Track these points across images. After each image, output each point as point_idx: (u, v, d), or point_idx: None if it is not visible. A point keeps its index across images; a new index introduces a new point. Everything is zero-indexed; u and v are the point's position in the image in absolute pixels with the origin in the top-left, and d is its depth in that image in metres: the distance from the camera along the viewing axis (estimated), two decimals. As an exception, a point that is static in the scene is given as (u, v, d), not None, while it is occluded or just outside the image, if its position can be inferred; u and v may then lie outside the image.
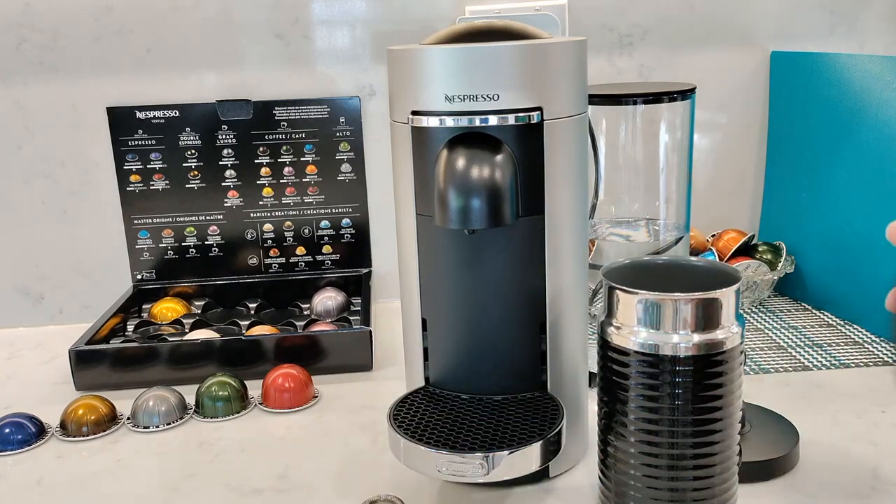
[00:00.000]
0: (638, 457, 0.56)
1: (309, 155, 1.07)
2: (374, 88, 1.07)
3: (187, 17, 1.03)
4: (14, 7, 1.01)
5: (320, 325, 0.98)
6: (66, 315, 1.10)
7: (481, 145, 0.59)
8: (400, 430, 0.61)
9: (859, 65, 0.95)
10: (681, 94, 0.84)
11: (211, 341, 0.89)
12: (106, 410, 0.80)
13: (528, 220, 0.62)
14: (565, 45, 0.61)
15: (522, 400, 0.65)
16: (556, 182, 0.62)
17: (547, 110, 0.60)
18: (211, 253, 1.09)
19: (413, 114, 0.61)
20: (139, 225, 1.08)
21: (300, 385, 0.83)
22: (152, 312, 1.04)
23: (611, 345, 0.56)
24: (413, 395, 0.67)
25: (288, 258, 1.11)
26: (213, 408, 0.81)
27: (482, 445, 0.59)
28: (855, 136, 0.94)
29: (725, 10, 1.08)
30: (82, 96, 1.04)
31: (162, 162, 1.06)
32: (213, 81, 1.05)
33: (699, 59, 1.09)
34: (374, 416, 0.79)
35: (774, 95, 1.10)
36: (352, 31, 1.05)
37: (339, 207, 1.09)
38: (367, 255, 1.12)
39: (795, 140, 1.06)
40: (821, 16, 1.09)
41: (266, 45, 1.05)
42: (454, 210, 0.58)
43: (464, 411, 0.64)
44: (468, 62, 0.59)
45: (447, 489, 0.66)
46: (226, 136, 1.06)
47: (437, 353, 0.67)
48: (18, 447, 0.76)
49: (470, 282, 0.64)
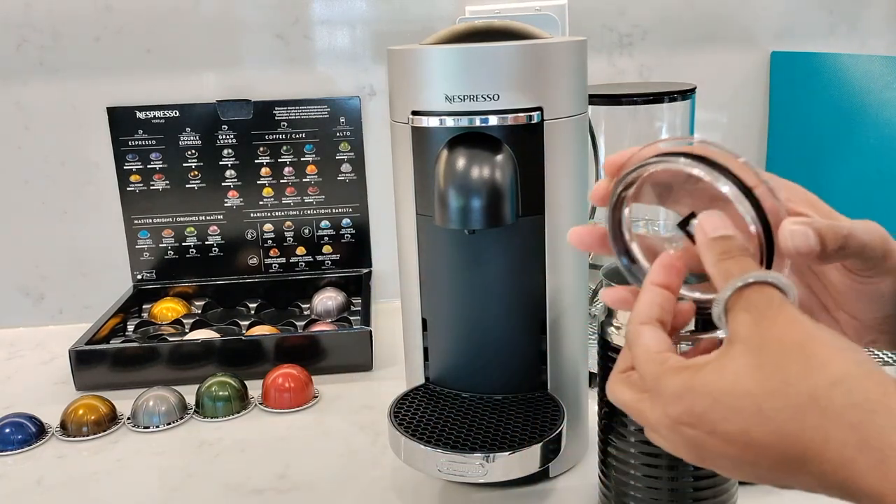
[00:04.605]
0: (638, 457, 0.56)
1: (309, 155, 1.07)
2: (374, 88, 1.07)
3: (187, 17, 1.03)
4: (14, 7, 1.01)
5: (320, 325, 0.98)
6: (66, 315, 1.10)
7: (481, 145, 0.59)
8: (401, 429, 0.61)
9: (859, 65, 0.95)
10: (681, 94, 0.84)
11: (211, 341, 0.88)
12: (106, 410, 0.80)
13: (528, 220, 0.62)
14: (565, 45, 0.61)
15: (523, 400, 0.65)
16: (556, 182, 0.62)
17: (547, 110, 0.60)
18: (211, 253, 1.09)
19: (413, 114, 0.61)
20: (139, 225, 1.08)
21: (300, 385, 0.83)
22: (152, 312, 1.04)
23: (611, 345, 0.56)
24: (413, 392, 0.67)
25: (288, 258, 1.11)
26: (213, 408, 0.81)
27: (482, 445, 0.59)
28: (855, 136, 0.94)
29: (725, 10, 1.08)
30: (82, 96, 1.04)
31: (162, 162, 1.06)
32: (213, 81, 1.05)
33: (699, 59, 1.09)
34: (374, 416, 0.79)
35: (774, 95, 1.10)
36: (352, 31, 1.05)
37: (339, 207, 1.09)
38: (367, 255, 1.11)
39: (795, 140, 1.05)
40: (821, 16, 1.09)
41: (266, 45, 1.05)
42: (454, 210, 0.58)
43: (464, 410, 0.64)
44: (468, 62, 0.59)
45: (447, 489, 0.66)
46: (226, 136, 1.06)
47: (437, 353, 0.67)
48: (18, 447, 0.76)
49: (470, 282, 0.64)
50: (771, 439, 0.33)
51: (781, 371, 0.33)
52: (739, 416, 0.34)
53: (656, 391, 0.37)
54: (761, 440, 0.33)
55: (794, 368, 0.33)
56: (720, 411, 0.34)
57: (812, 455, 0.32)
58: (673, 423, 0.36)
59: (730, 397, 0.34)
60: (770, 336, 0.34)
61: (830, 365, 0.33)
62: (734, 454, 0.34)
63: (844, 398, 0.32)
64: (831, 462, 0.32)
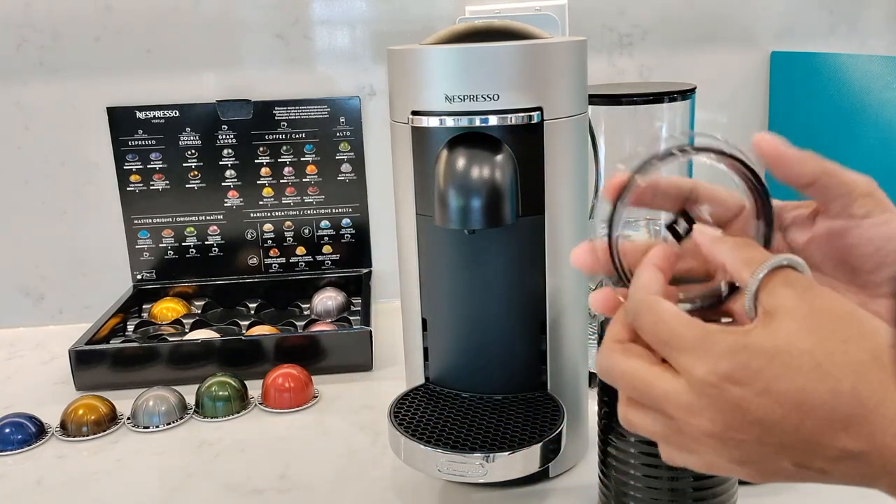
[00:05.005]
0: (638, 457, 0.56)
1: (309, 155, 1.07)
2: (374, 88, 1.07)
3: (187, 17, 1.03)
4: (14, 7, 1.01)
5: (320, 325, 0.98)
6: (66, 315, 1.10)
7: (481, 145, 0.59)
8: (401, 429, 0.61)
9: (859, 65, 0.95)
10: (681, 94, 0.84)
11: (211, 341, 0.88)
12: (106, 410, 0.80)
13: (528, 220, 0.62)
14: (565, 45, 0.61)
15: (523, 400, 0.65)
16: (556, 182, 0.62)
17: (547, 110, 0.60)
18: (211, 253, 1.09)
19: (413, 114, 0.61)
20: (139, 225, 1.08)
21: (300, 385, 0.83)
22: (152, 312, 1.04)
23: (611, 345, 0.56)
24: (413, 392, 0.67)
25: (288, 258, 1.11)
26: (213, 408, 0.81)
27: (482, 445, 0.59)
28: (855, 136, 0.94)
29: (725, 10, 1.08)
30: (82, 96, 1.04)
31: (162, 162, 1.06)
32: (213, 81, 1.05)
33: (699, 59, 1.09)
34: (374, 416, 0.79)
35: (774, 95, 1.10)
36: (352, 31, 1.05)
37: (339, 207, 1.09)
38: (367, 255, 1.11)
39: (795, 140, 1.05)
40: (821, 16, 1.09)
41: (266, 45, 1.05)
42: (454, 210, 0.58)
43: (464, 410, 0.64)
44: (468, 62, 0.59)
45: (447, 489, 0.66)
46: (226, 136, 1.06)
47: (437, 353, 0.67)
48: (18, 447, 0.76)
49: (470, 282, 0.64)
50: (825, 397, 0.33)
51: (838, 333, 0.34)
52: (797, 374, 0.34)
53: (702, 349, 0.36)
54: (814, 398, 0.34)
55: (850, 331, 0.34)
56: (777, 368, 0.34)
57: (866, 412, 0.33)
58: (719, 381, 0.35)
59: (787, 356, 0.34)
60: (818, 305, 0.35)
61: (881, 331, 0.34)
62: (777, 416, 0.34)
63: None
64: (885, 418, 0.33)
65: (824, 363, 0.34)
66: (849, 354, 0.34)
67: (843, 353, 0.34)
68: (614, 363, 0.39)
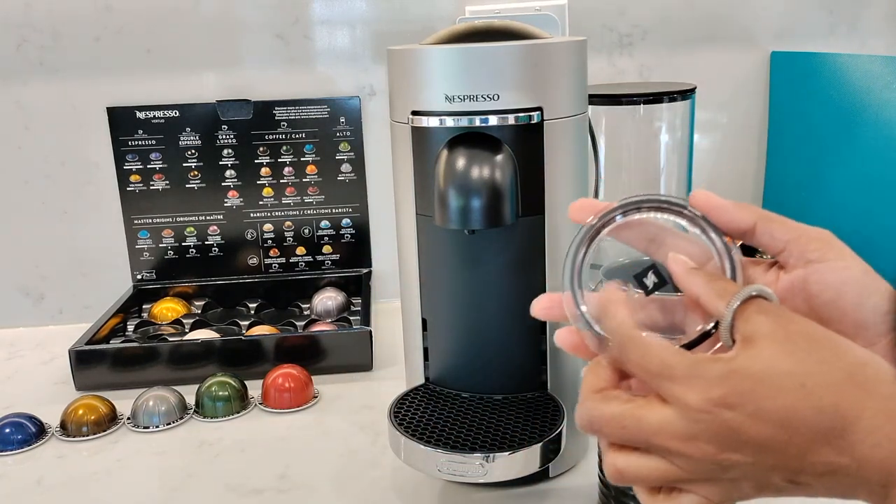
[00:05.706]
0: (638, 457, 0.55)
1: (309, 155, 1.07)
2: (374, 88, 1.07)
3: (187, 17, 1.03)
4: (14, 7, 1.01)
5: (320, 326, 0.98)
6: (66, 315, 1.10)
7: (481, 145, 0.59)
8: (401, 429, 0.61)
9: (859, 65, 0.95)
10: (681, 94, 0.84)
11: (211, 341, 0.89)
12: (106, 410, 0.80)
13: (527, 221, 0.62)
14: (565, 45, 0.61)
15: (523, 400, 0.65)
16: (556, 182, 0.62)
17: (547, 110, 0.60)
18: (211, 253, 1.09)
19: (413, 114, 0.61)
20: (139, 225, 1.08)
21: (300, 385, 0.83)
22: (152, 312, 1.04)
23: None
24: (413, 392, 0.67)
25: (288, 258, 1.11)
26: (213, 408, 0.81)
27: (482, 445, 0.59)
28: (855, 136, 0.94)
29: (725, 10, 1.08)
30: (82, 96, 1.04)
31: (162, 162, 1.06)
32: (213, 81, 1.05)
33: (699, 59, 1.09)
34: (374, 416, 0.79)
35: (774, 95, 1.10)
36: (352, 31, 1.05)
37: (339, 207, 1.09)
38: (367, 255, 1.11)
39: (795, 140, 1.05)
40: (821, 16, 1.09)
41: (266, 45, 1.05)
42: (454, 210, 0.58)
43: (464, 410, 0.64)
44: (468, 62, 0.59)
45: (447, 489, 0.66)
46: (226, 136, 1.06)
47: (437, 353, 0.67)
48: (18, 447, 0.76)
49: (470, 282, 0.64)
50: (810, 414, 0.35)
51: (814, 354, 0.36)
52: (784, 394, 0.35)
53: (694, 377, 0.37)
54: (801, 416, 0.35)
55: (824, 353, 0.36)
56: (764, 390, 0.36)
57: (846, 425, 0.35)
58: (713, 407, 0.36)
59: (772, 378, 0.36)
60: (793, 329, 0.37)
61: (854, 350, 0.37)
62: (767, 436, 0.36)
63: (875, 376, 0.36)
64: (863, 431, 0.35)
65: (807, 383, 0.35)
66: (827, 374, 0.36)
67: (822, 374, 0.36)
68: (597, 412, 0.41)
